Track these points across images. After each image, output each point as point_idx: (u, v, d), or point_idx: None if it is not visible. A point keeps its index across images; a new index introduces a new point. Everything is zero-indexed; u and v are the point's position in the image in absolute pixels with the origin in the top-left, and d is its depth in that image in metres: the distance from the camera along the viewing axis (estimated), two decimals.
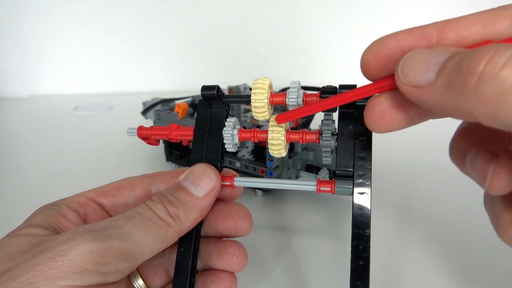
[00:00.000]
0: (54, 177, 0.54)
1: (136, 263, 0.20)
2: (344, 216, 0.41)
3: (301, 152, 0.43)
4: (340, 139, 0.22)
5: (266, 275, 0.33)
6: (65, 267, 0.17)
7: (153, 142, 0.27)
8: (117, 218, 0.21)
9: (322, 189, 0.23)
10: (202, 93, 0.24)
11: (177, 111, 0.47)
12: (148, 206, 0.22)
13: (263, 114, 0.23)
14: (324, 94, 0.22)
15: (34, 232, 0.21)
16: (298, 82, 0.23)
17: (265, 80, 0.23)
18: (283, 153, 0.23)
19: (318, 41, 0.98)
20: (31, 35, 1.02)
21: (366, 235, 0.21)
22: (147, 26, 1.00)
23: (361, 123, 0.22)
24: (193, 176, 0.23)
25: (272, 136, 0.23)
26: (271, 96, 0.23)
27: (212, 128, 0.25)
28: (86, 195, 0.26)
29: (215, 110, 0.25)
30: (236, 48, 1.00)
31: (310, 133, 0.23)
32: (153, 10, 0.98)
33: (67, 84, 1.08)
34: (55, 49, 1.04)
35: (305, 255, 0.35)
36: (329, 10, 0.95)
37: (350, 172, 0.22)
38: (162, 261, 0.27)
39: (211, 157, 0.25)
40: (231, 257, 0.26)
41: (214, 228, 0.26)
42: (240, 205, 0.27)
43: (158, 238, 0.21)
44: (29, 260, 0.18)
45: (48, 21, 1.00)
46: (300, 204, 0.43)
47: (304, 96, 0.23)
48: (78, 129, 0.76)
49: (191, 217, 0.23)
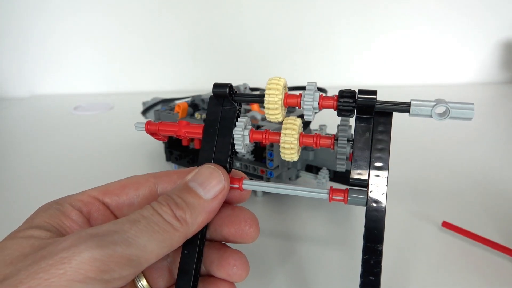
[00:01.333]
0: (54, 177, 0.54)
1: (140, 268, 0.19)
2: (347, 219, 0.40)
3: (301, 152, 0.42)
4: (356, 146, 0.21)
5: (266, 280, 0.32)
6: (68, 275, 0.16)
7: (161, 137, 0.26)
8: (121, 222, 0.20)
9: (334, 198, 0.22)
10: (214, 90, 0.23)
11: (177, 111, 0.47)
12: (154, 208, 0.21)
13: (277, 116, 0.22)
14: (341, 98, 0.21)
15: (36, 234, 0.20)
16: (315, 83, 0.22)
17: (280, 80, 0.22)
18: (295, 158, 0.23)
19: (320, 41, 0.98)
20: (31, 35, 1.02)
21: (378, 249, 0.20)
22: (147, 26, 1.00)
23: (379, 130, 0.21)
24: (201, 177, 0.22)
25: (284, 139, 0.22)
26: (285, 97, 0.22)
27: (222, 127, 0.24)
28: (90, 193, 0.25)
29: (226, 108, 0.24)
30: (236, 48, 1.00)
31: (325, 138, 0.22)
32: (153, 10, 0.98)
33: (67, 84, 1.07)
34: (55, 49, 1.03)
35: (308, 262, 0.34)
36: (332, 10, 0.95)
37: (365, 182, 0.21)
38: (167, 262, 0.26)
39: (220, 158, 0.24)
40: (231, 267, 0.24)
41: (220, 233, 0.25)
42: (247, 210, 0.26)
43: (164, 242, 0.20)
44: (30, 267, 0.17)
45: (48, 21, 1.00)
46: (302, 206, 0.42)
47: (321, 99, 0.21)
48: (78, 129, 0.76)
49: (198, 220, 0.22)
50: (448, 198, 0.44)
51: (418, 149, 0.58)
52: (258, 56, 1.01)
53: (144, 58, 1.04)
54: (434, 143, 0.60)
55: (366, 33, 0.98)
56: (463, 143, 0.60)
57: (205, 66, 1.03)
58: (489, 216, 0.40)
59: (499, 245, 0.34)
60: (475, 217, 0.40)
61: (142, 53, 1.03)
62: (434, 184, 0.47)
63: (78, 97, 1.00)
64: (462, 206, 0.42)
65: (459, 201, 0.43)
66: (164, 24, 0.99)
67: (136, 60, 1.04)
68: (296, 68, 1.02)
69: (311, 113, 0.21)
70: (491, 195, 0.44)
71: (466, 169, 0.50)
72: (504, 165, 0.52)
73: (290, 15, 0.96)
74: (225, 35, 0.99)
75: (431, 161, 0.54)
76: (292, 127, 0.22)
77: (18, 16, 0.99)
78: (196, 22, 0.99)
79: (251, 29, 0.98)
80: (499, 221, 0.39)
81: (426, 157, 0.55)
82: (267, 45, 1.00)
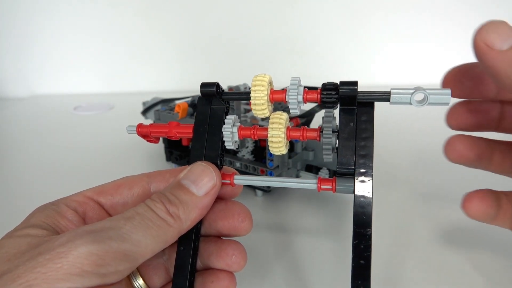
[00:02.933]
0: (54, 177, 0.54)
1: (136, 264, 0.20)
2: (344, 215, 0.40)
3: (301, 152, 0.42)
4: (341, 137, 0.22)
5: (266, 275, 0.33)
6: (64, 269, 0.17)
7: (153, 140, 0.27)
8: (116, 219, 0.20)
9: (323, 187, 0.22)
10: (202, 90, 0.24)
11: (177, 111, 0.47)
12: (147, 205, 0.21)
13: (263, 112, 0.23)
14: (324, 91, 0.22)
15: (33, 232, 0.20)
16: (299, 78, 0.22)
17: (265, 76, 0.22)
18: (284, 151, 0.23)
19: (319, 41, 0.98)
20: (32, 35, 1.02)
21: (367, 233, 0.21)
22: (147, 26, 1.00)
23: (362, 120, 0.22)
24: (193, 175, 0.23)
25: (272, 133, 0.23)
26: (271, 93, 0.23)
27: (211, 125, 0.25)
28: (85, 194, 0.25)
29: (214, 107, 0.25)
30: (237, 48, 1.00)
31: (310, 130, 0.23)
32: (153, 10, 0.98)
33: (67, 84, 1.08)
34: (55, 49, 1.04)
35: (305, 255, 0.35)
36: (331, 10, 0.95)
37: (351, 170, 0.22)
38: (162, 260, 0.27)
39: (211, 155, 0.24)
40: (230, 257, 0.25)
41: (214, 227, 0.26)
42: (240, 204, 0.26)
43: (158, 238, 0.21)
44: (28, 262, 0.17)
45: (48, 21, 1.00)
46: (300, 204, 0.43)
47: (305, 93, 0.22)
48: (78, 129, 0.76)
49: (191, 216, 0.22)
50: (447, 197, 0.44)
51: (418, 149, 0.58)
52: (258, 56, 1.01)
53: (144, 58, 1.04)
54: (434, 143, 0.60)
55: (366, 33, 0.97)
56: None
57: (205, 66, 1.04)
58: None
59: None
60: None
61: (142, 53, 1.03)
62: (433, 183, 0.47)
63: (78, 97, 1.01)
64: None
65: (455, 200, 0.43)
66: (164, 24, 0.99)
67: (136, 60, 1.04)
68: (296, 68, 1.02)
69: (296, 107, 0.22)
70: None
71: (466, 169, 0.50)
72: None
73: (290, 15, 0.96)
74: (225, 35, 0.99)
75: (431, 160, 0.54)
76: (278, 121, 0.23)
77: (18, 17, 1.00)
78: (196, 22, 0.99)
79: (251, 29, 0.98)
80: None
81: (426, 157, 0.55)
82: (267, 45, 0.99)
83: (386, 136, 0.58)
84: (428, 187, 0.45)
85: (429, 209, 0.41)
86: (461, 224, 0.38)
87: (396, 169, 0.50)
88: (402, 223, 0.39)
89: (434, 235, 0.36)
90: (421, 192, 0.44)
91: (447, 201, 0.42)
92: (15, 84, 1.08)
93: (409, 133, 0.64)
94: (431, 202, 0.42)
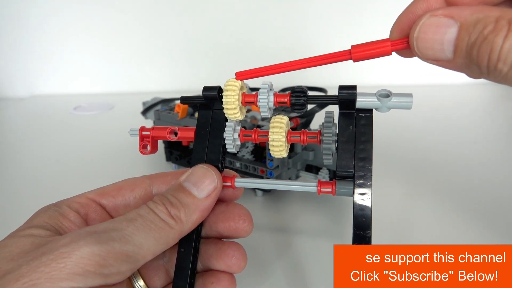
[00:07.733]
0: (54, 177, 0.54)
1: (137, 265, 0.20)
2: (344, 215, 0.41)
3: (301, 152, 0.43)
4: (340, 140, 0.22)
5: (266, 276, 0.33)
6: (68, 268, 0.17)
7: (152, 150, 0.27)
8: (118, 220, 0.21)
9: (323, 190, 0.23)
10: (204, 93, 0.24)
11: (177, 111, 0.47)
12: (149, 207, 0.22)
13: (236, 115, 0.23)
14: (293, 93, 0.23)
15: (36, 233, 0.21)
16: (269, 83, 0.23)
17: (236, 82, 0.23)
18: (284, 154, 0.24)
19: (320, 42, 0.98)
20: (31, 35, 1.02)
21: (367, 236, 0.21)
22: (147, 26, 1.00)
23: (361, 123, 0.22)
24: (194, 177, 0.23)
25: (273, 137, 0.23)
26: (243, 97, 0.23)
27: (213, 129, 0.25)
28: (87, 195, 0.26)
29: (216, 111, 0.25)
30: (237, 48, 1.00)
31: (311, 133, 0.23)
32: (153, 10, 0.98)
33: (67, 84, 1.08)
34: (55, 49, 1.04)
35: (305, 255, 0.35)
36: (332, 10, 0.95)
37: (350, 173, 0.22)
38: (163, 261, 0.27)
39: (212, 158, 0.25)
40: (230, 258, 0.26)
41: (215, 229, 0.26)
42: (240, 206, 0.27)
43: (160, 239, 0.21)
44: (31, 262, 0.18)
45: (48, 21, 1.00)
46: (300, 204, 0.43)
47: (275, 97, 0.23)
48: (78, 129, 0.76)
49: (192, 218, 0.23)
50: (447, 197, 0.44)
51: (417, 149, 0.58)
52: (258, 57, 1.00)
53: (144, 58, 1.04)
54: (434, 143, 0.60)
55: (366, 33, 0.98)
56: (463, 143, 0.59)
57: (205, 66, 1.03)
58: (487, 221, 0.39)
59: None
60: (474, 218, 0.40)
61: (142, 53, 1.03)
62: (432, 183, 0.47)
63: (78, 97, 1.01)
64: (460, 205, 0.42)
65: (455, 201, 0.44)
66: (164, 24, 0.99)
67: (136, 60, 1.04)
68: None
69: (267, 110, 0.23)
70: (489, 196, 0.43)
71: (465, 169, 0.50)
72: (504, 165, 0.52)
73: (290, 15, 0.96)
74: (225, 35, 0.99)
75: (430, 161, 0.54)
76: (279, 125, 0.23)
77: (18, 16, 1.00)
78: (196, 22, 0.99)
79: (252, 29, 0.98)
80: (498, 223, 0.38)
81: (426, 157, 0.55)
82: (267, 46, 0.99)
83: (385, 139, 0.59)
84: (428, 189, 0.45)
85: (429, 210, 0.41)
86: (461, 225, 0.38)
87: (396, 170, 0.51)
88: (401, 225, 0.39)
89: (434, 237, 0.37)
90: (420, 193, 0.45)
91: (447, 201, 0.42)
92: (15, 84, 1.08)
93: (408, 135, 0.64)
94: (431, 203, 0.42)
